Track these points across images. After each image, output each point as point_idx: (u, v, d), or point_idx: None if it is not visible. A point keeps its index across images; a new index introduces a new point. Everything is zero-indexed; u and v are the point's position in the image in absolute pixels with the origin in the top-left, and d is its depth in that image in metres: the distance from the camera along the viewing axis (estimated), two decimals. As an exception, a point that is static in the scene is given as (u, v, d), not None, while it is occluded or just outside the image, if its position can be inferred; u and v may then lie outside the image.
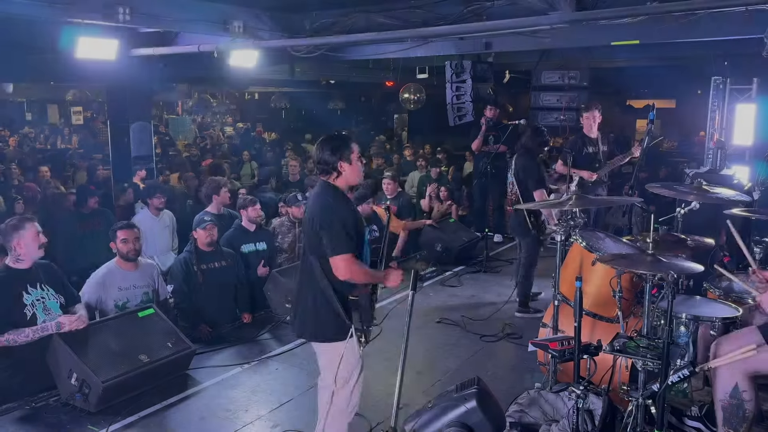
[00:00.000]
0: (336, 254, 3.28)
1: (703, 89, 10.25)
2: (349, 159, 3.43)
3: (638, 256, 3.34)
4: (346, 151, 3.42)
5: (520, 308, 6.34)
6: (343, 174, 3.44)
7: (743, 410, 3.18)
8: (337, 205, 3.39)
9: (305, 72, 13.52)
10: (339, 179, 3.46)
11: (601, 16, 5.35)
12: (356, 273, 3.31)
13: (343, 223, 3.32)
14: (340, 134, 3.58)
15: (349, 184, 3.53)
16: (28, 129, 19.07)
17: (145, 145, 9.15)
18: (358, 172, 3.51)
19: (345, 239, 3.29)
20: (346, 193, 3.52)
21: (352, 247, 3.30)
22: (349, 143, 3.47)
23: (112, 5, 5.61)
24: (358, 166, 3.50)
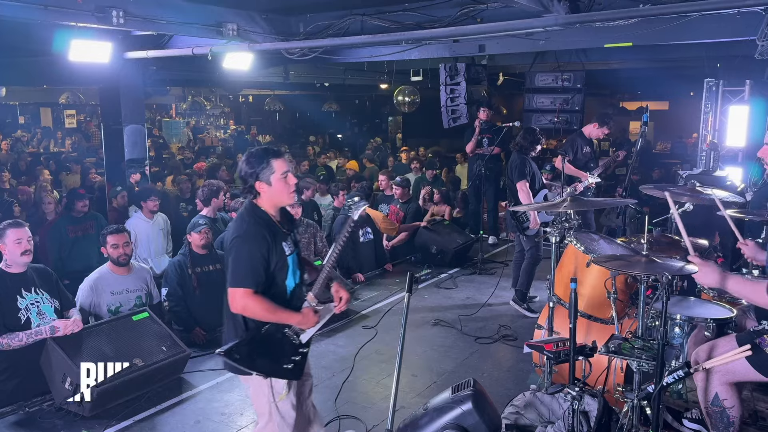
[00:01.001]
0: (233, 285, 2.98)
1: (696, 91, 10.32)
2: (269, 179, 3.03)
3: (632, 258, 3.35)
4: (265, 169, 3.02)
5: (516, 299, 6.42)
6: (263, 195, 3.07)
7: (727, 416, 3.22)
8: (248, 231, 3.03)
9: (299, 75, 13.52)
10: (261, 200, 3.10)
11: (594, 18, 5.37)
12: (252, 310, 2.98)
13: (250, 252, 2.98)
14: (265, 149, 3.13)
15: (275, 206, 3.14)
16: (20, 132, 19.00)
17: (139, 147, 9.11)
18: (281, 193, 3.07)
19: (247, 271, 2.96)
20: (271, 216, 3.11)
21: (253, 281, 2.96)
22: (271, 160, 3.04)
23: (105, 8, 5.58)
24: (282, 186, 3.05)
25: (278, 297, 3.08)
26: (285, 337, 3.11)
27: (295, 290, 3.21)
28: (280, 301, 3.08)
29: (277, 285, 3.10)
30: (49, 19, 5.39)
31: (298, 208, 6.84)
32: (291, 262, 3.14)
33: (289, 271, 3.14)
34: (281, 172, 3.05)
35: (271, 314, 3.02)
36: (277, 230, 3.11)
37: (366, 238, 7.66)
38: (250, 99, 22.90)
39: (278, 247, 3.07)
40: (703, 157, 8.12)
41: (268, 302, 3.00)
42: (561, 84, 9.44)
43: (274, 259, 3.04)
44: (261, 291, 3.00)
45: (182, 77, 13.43)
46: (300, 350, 3.16)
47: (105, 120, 9.41)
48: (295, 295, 3.20)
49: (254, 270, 2.97)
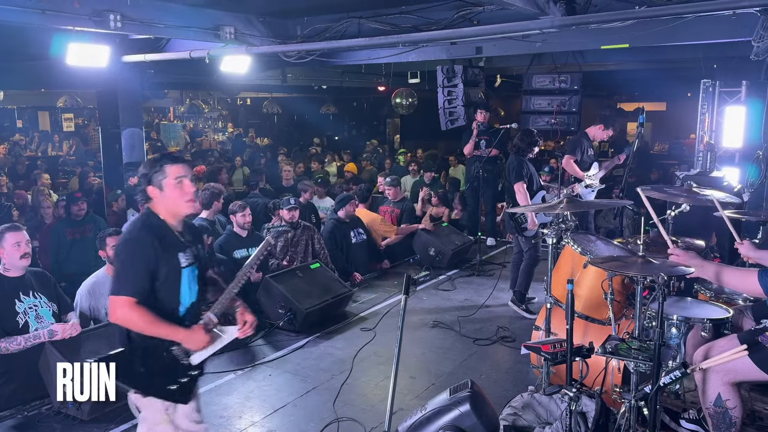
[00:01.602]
0: (113, 293, 2.82)
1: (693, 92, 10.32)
2: (161, 184, 2.91)
3: (629, 259, 3.36)
4: (157, 174, 2.91)
5: (515, 300, 6.44)
6: (155, 200, 2.94)
7: (729, 417, 3.23)
8: (136, 237, 2.90)
9: (297, 77, 13.54)
10: (155, 206, 2.96)
11: (590, 20, 5.39)
12: (133, 321, 2.81)
13: (134, 259, 2.83)
14: (163, 154, 3.05)
15: (172, 213, 2.97)
16: (18, 136, 18.99)
17: (137, 151, 9.12)
18: (175, 200, 2.92)
19: (128, 279, 2.81)
20: (167, 224, 2.96)
21: (134, 289, 2.79)
22: (164, 165, 2.92)
23: (102, 12, 5.60)
24: (176, 192, 2.91)
25: (168, 312, 2.91)
26: (171, 356, 2.90)
27: (192, 307, 3.03)
28: (170, 316, 2.91)
29: (167, 298, 2.92)
30: (46, 23, 5.41)
31: (295, 211, 6.86)
32: (187, 276, 2.97)
33: (184, 284, 2.96)
34: (174, 176, 2.90)
35: (153, 327, 2.82)
36: (173, 239, 2.95)
37: (358, 240, 7.68)
38: (248, 102, 22.90)
39: (170, 258, 2.90)
40: (700, 158, 8.13)
41: (150, 314, 2.81)
42: (558, 86, 9.45)
43: (164, 270, 2.87)
44: (145, 302, 2.82)
45: (180, 80, 13.45)
46: (189, 372, 2.96)
47: (103, 123, 9.44)
48: (190, 312, 3.01)
49: (136, 278, 2.81)
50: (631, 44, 6.53)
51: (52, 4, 5.27)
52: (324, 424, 4.30)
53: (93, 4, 5.56)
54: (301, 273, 6.33)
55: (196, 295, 3.06)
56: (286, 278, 6.16)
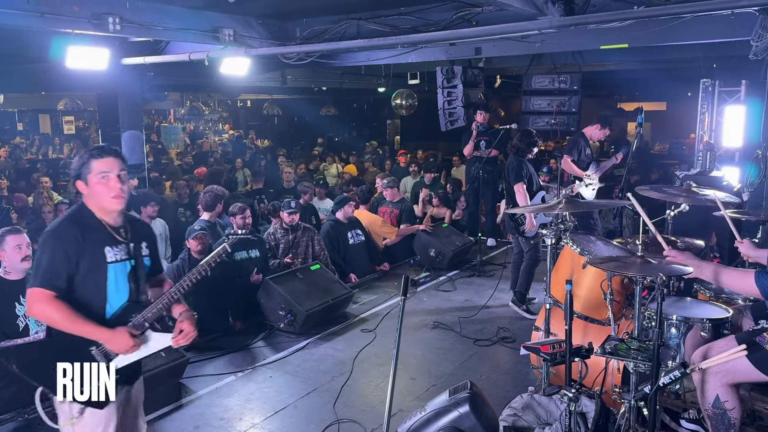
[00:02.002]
0: (33, 285, 2.70)
1: (693, 91, 10.32)
2: (86, 178, 2.81)
3: (628, 259, 3.36)
4: (83, 168, 2.81)
5: (515, 301, 6.44)
6: (84, 195, 2.85)
7: (728, 418, 3.22)
8: (57, 229, 2.79)
9: (297, 79, 13.55)
10: (86, 200, 2.86)
11: (588, 20, 5.40)
12: (49, 315, 2.69)
13: (53, 251, 2.71)
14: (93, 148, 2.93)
15: (101, 207, 2.84)
16: (19, 139, 19.02)
17: (137, 153, 9.14)
18: (101, 194, 2.80)
19: (46, 271, 2.69)
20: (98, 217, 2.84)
21: (50, 282, 2.67)
22: (91, 159, 2.81)
23: (101, 15, 5.61)
24: (101, 187, 2.79)
25: (93, 310, 2.77)
26: (89, 357, 2.74)
27: (122, 308, 2.87)
28: (95, 315, 2.77)
29: (90, 295, 2.78)
30: (45, 26, 5.42)
31: (296, 215, 6.86)
32: (115, 272, 2.83)
33: (110, 282, 2.82)
34: (98, 171, 2.79)
35: (71, 323, 2.68)
36: (101, 233, 2.83)
37: (356, 241, 7.68)
38: (249, 104, 22.93)
39: (94, 251, 2.78)
40: (700, 158, 8.13)
41: (69, 309, 2.67)
42: (558, 86, 9.45)
43: (85, 263, 2.75)
44: (66, 297, 2.70)
45: (180, 83, 13.48)
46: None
47: (103, 126, 9.48)
48: (120, 313, 2.85)
49: (54, 271, 2.69)
50: (630, 44, 6.54)
51: (51, 8, 5.28)
52: (324, 425, 4.30)
53: (92, 7, 5.57)
54: (301, 274, 6.34)
55: (127, 294, 2.89)
56: (286, 280, 6.16)
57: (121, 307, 2.86)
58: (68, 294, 2.73)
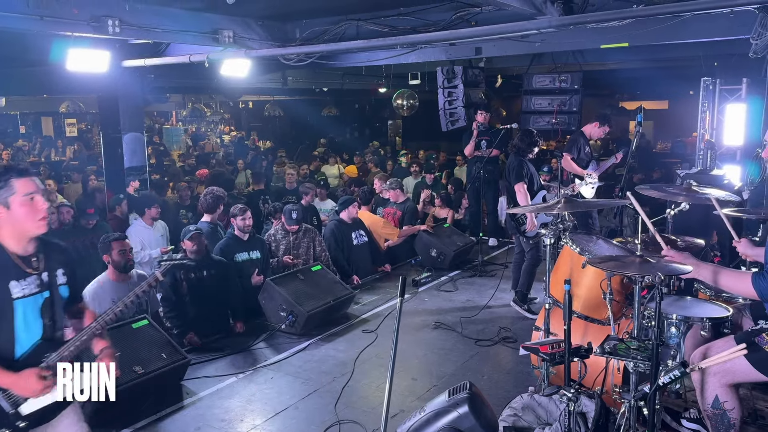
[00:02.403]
0: None
1: (694, 90, 10.31)
2: (6, 201, 2.52)
3: (627, 258, 3.35)
4: (3, 189, 2.52)
5: (516, 300, 6.44)
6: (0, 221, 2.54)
7: (728, 419, 3.21)
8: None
9: (297, 80, 13.57)
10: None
11: (588, 19, 5.39)
12: None
13: None
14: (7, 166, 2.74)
15: (19, 236, 2.58)
16: (21, 142, 19.09)
17: (138, 155, 9.16)
18: (27, 219, 2.54)
19: None
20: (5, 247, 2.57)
21: None
22: (11, 179, 2.54)
23: (100, 18, 5.62)
24: (26, 210, 2.53)
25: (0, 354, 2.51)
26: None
27: (35, 346, 2.60)
28: (3, 359, 2.51)
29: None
30: (45, 29, 5.43)
31: (295, 226, 6.86)
32: (23, 308, 2.56)
33: (18, 319, 2.54)
34: (24, 193, 2.53)
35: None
36: (6, 266, 2.54)
37: (360, 241, 7.69)
38: (250, 105, 22.97)
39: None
40: (701, 157, 8.11)
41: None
42: (558, 85, 9.45)
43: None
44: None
45: (181, 84, 13.51)
46: (16, 423, 2.53)
47: (104, 128, 9.49)
48: (30, 352, 2.58)
49: None
50: (630, 43, 6.53)
51: (51, 11, 5.30)
52: (325, 426, 4.30)
53: (91, 9, 5.58)
54: (302, 275, 6.34)
55: (41, 332, 2.61)
56: (287, 281, 6.17)
57: (33, 346, 2.59)
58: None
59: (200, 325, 5.74)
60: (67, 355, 2.59)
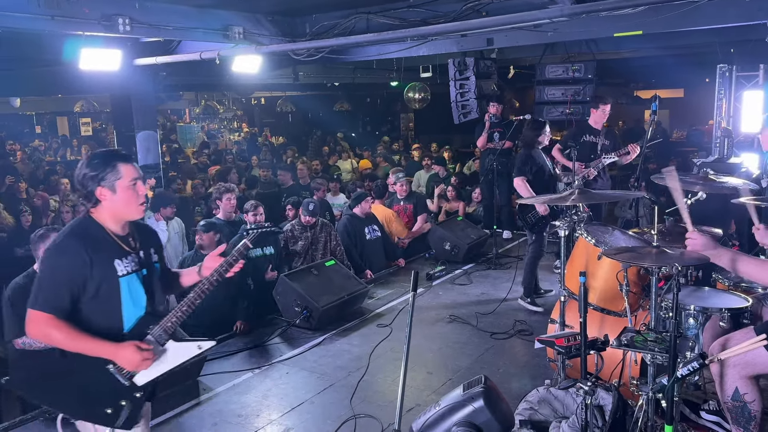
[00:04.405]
0: (32, 307, 2.52)
1: (710, 77, 10.16)
2: (113, 185, 2.61)
3: (643, 249, 3.31)
4: (110, 173, 2.60)
5: (523, 297, 6.41)
6: (104, 203, 2.62)
7: (748, 411, 3.17)
8: (61, 246, 2.59)
9: (309, 75, 13.57)
10: (100, 210, 2.64)
11: (600, 7, 5.32)
12: (50, 337, 2.53)
13: (55, 270, 2.55)
14: (111, 151, 2.80)
15: (119, 218, 2.69)
16: (37, 142, 19.28)
17: (152, 153, 9.22)
18: (129, 204, 2.65)
19: (48, 293, 2.52)
20: (107, 231, 2.66)
21: (52, 305, 2.51)
22: (118, 164, 2.63)
23: (111, 16, 5.65)
24: (130, 195, 2.64)
25: (109, 329, 2.62)
26: (108, 375, 2.60)
27: (140, 321, 2.71)
28: (112, 333, 2.61)
29: (105, 314, 2.62)
30: (56, 29, 5.46)
31: (312, 218, 6.86)
32: (128, 285, 2.66)
33: (125, 296, 2.65)
34: (130, 178, 2.63)
35: (73, 343, 2.53)
36: (109, 246, 2.65)
37: (373, 236, 7.67)
38: (263, 101, 23.01)
39: (104, 267, 2.59)
40: (718, 145, 7.99)
41: (71, 329, 2.51)
42: (572, 75, 9.33)
43: (95, 281, 2.57)
44: (68, 317, 2.54)
45: (194, 82, 13.56)
46: (132, 393, 2.64)
47: (117, 127, 9.56)
48: (137, 327, 2.70)
49: (56, 292, 2.52)
50: (644, 31, 6.44)
51: (62, 10, 5.33)
52: (341, 421, 4.31)
53: (102, 8, 5.61)
54: (316, 271, 6.34)
55: (144, 307, 2.74)
56: (301, 276, 6.17)
57: (138, 320, 2.71)
58: (76, 313, 2.57)
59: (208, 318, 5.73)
60: (169, 326, 2.72)
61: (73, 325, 2.54)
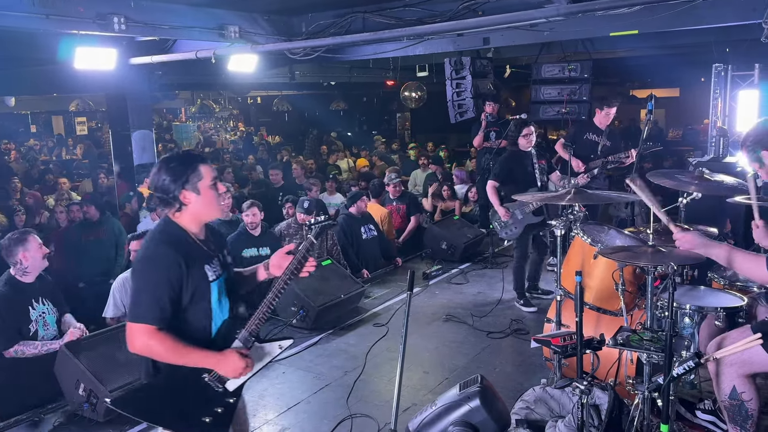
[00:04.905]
0: (133, 320, 2.50)
1: (706, 77, 10.18)
2: (197, 187, 2.61)
3: (639, 249, 3.32)
4: (192, 176, 2.60)
5: (517, 299, 6.41)
6: (189, 207, 2.61)
7: (745, 409, 3.17)
8: (155, 255, 2.56)
9: (305, 74, 13.55)
10: (183, 214, 2.62)
11: (596, 7, 5.31)
12: (155, 351, 2.50)
13: (154, 280, 2.50)
14: (188, 153, 2.80)
15: (201, 220, 2.69)
16: (33, 141, 19.22)
17: (148, 152, 9.19)
18: (211, 204, 2.66)
19: (149, 304, 2.49)
20: (191, 235, 2.65)
21: (155, 316, 2.48)
22: (198, 166, 2.62)
23: (106, 15, 5.62)
24: (212, 195, 2.65)
25: (198, 334, 2.62)
26: (204, 384, 2.61)
27: (224, 325, 2.71)
28: (201, 338, 2.62)
29: (197, 320, 2.62)
30: (51, 28, 5.43)
31: (307, 216, 6.85)
32: (216, 290, 2.66)
33: (214, 300, 2.65)
34: (211, 178, 2.64)
35: (179, 356, 2.51)
36: (198, 251, 2.64)
37: (369, 235, 7.67)
38: (259, 100, 22.99)
39: (197, 272, 2.59)
40: (713, 144, 8.00)
41: (174, 341, 2.50)
42: (568, 74, 9.33)
43: (190, 288, 2.56)
44: (169, 327, 2.52)
45: (189, 81, 13.53)
46: (225, 399, 2.66)
47: (113, 126, 9.53)
48: (222, 331, 2.70)
49: (158, 302, 2.49)
50: (640, 30, 6.45)
51: (57, 9, 5.29)
52: (337, 420, 4.30)
53: (97, 7, 5.58)
54: (312, 270, 6.31)
55: (228, 311, 2.74)
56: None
57: (223, 325, 2.70)
58: (172, 322, 2.54)
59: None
60: (254, 328, 2.73)
61: (175, 336, 2.52)
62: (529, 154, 6.20)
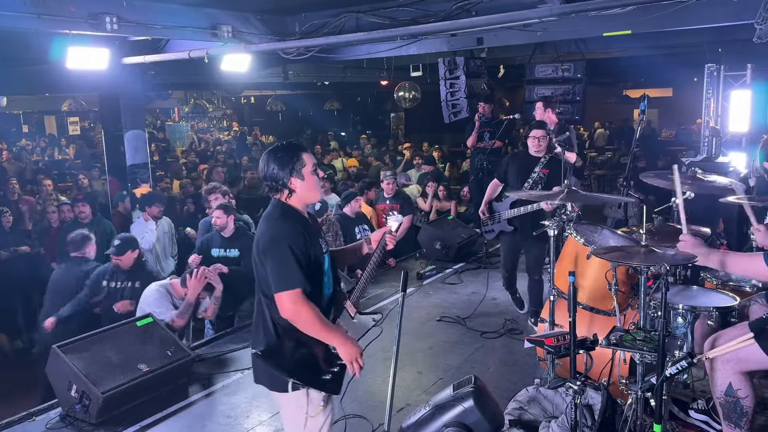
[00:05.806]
0: (279, 290, 2.73)
1: (699, 77, 10.23)
2: (301, 174, 2.86)
3: (632, 249, 3.32)
4: (297, 164, 2.85)
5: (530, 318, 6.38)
6: (297, 192, 2.87)
7: (740, 407, 3.18)
8: (283, 231, 2.80)
9: (298, 74, 13.53)
10: (292, 198, 2.89)
11: (589, 7, 5.33)
12: (304, 316, 2.75)
13: (290, 251, 2.73)
14: (291, 144, 2.98)
15: (306, 203, 2.96)
16: (25, 141, 19.12)
17: (141, 153, 9.14)
18: (314, 188, 2.92)
19: (289, 272, 2.72)
20: (302, 213, 2.94)
21: (299, 280, 2.73)
22: (301, 154, 2.87)
23: (98, 15, 5.59)
24: (314, 180, 2.91)
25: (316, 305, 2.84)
26: (323, 345, 2.87)
27: (332, 298, 2.99)
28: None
29: (313, 290, 2.83)
30: (42, 27, 5.41)
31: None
32: (327, 261, 2.95)
33: (326, 273, 2.93)
34: (312, 164, 2.90)
35: (318, 327, 2.77)
36: (312, 226, 2.97)
37: (363, 235, 7.62)
38: (252, 100, 22.94)
39: (315, 244, 2.88)
40: (706, 144, 8.03)
41: (316, 311, 2.76)
42: (561, 74, 9.34)
43: (312, 257, 2.82)
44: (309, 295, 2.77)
45: (183, 81, 13.49)
46: (338, 361, 2.91)
47: (105, 126, 9.48)
48: (332, 303, 2.98)
49: (299, 267, 2.73)
50: (633, 30, 6.46)
51: (48, 9, 5.27)
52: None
53: (89, 6, 5.55)
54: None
55: (332, 285, 3.00)
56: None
57: (332, 299, 2.98)
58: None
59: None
60: (355, 301, 3.07)
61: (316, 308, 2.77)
62: (535, 160, 5.63)
